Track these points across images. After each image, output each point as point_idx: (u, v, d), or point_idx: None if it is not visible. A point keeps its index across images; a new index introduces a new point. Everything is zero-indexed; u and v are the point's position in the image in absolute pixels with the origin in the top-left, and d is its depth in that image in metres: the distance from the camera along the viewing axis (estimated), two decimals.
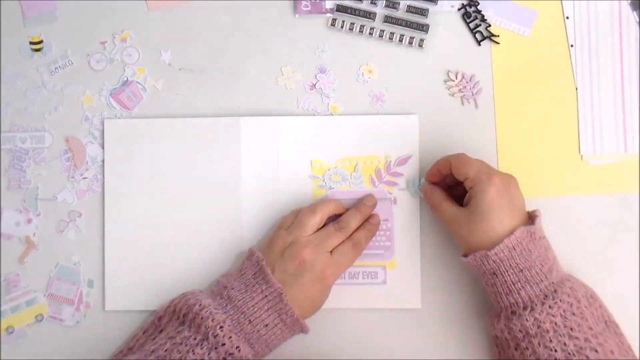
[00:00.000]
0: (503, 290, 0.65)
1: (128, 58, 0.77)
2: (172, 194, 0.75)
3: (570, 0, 0.76)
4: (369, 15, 0.76)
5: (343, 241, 0.70)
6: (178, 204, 0.75)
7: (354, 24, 0.76)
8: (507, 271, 0.64)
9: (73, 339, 0.74)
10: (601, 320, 0.65)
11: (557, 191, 0.74)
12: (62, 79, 0.77)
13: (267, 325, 0.66)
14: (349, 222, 0.71)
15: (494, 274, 0.65)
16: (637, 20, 0.76)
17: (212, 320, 0.64)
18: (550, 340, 0.62)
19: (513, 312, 0.64)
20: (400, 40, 0.76)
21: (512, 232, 0.64)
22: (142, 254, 0.74)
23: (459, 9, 0.76)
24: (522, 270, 0.64)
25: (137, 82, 0.77)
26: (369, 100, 0.76)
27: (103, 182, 0.76)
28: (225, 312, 0.66)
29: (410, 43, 0.76)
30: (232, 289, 0.68)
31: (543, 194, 0.74)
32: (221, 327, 0.64)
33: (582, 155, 0.75)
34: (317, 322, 0.73)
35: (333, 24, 0.76)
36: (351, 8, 0.76)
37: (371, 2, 0.76)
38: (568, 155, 0.75)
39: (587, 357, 0.61)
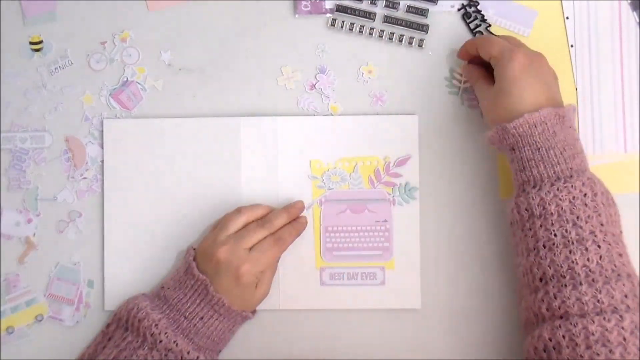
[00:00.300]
0: (519, 166, 0.64)
1: (128, 58, 0.77)
2: (171, 194, 0.75)
3: (570, 0, 0.76)
4: (369, 15, 0.76)
5: (265, 237, 0.69)
6: (178, 204, 0.75)
7: (354, 24, 0.76)
8: (524, 147, 0.63)
9: (73, 339, 0.74)
10: (617, 226, 0.63)
11: None
12: (62, 79, 0.77)
13: (202, 318, 0.67)
14: (273, 219, 0.70)
15: (512, 149, 0.64)
16: (637, 20, 0.76)
17: (148, 320, 0.66)
18: (552, 224, 0.61)
19: (523, 190, 0.63)
20: (400, 41, 0.76)
21: (537, 110, 0.63)
22: (142, 254, 0.74)
23: (459, 9, 0.76)
24: (539, 149, 0.63)
25: (137, 82, 0.77)
26: (369, 100, 0.76)
27: (103, 182, 0.76)
28: (161, 312, 0.67)
29: (410, 43, 0.75)
30: (168, 288, 0.69)
31: None
32: (156, 324, 0.66)
33: None
34: (316, 322, 0.73)
35: (333, 24, 0.76)
36: (351, 8, 0.76)
37: (371, 2, 0.76)
38: None
39: (586, 248, 0.59)
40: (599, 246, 0.60)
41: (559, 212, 0.61)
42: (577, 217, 0.60)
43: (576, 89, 0.75)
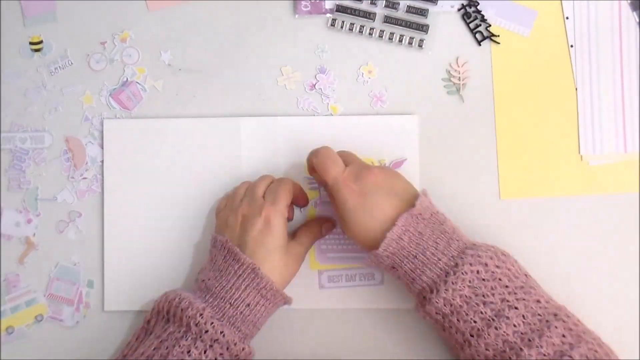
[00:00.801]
0: (407, 280, 0.64)
1: (128, 58, 0.77)
2: (172, 194, 0.75)
3: (570, 1, 0.76)
4: (369, 15, 0.76)
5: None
6: (178, 204, 0.75)
7: (353, 24, 0.76)
8: (402, 262, 0.63)
9: (73, 339, 0.74)
10: (520, 275, 0.63)
11: (557, 191, 0.74)
12: (62, 79, 0.77)
13: (249, 305, 0.65)
14: (273, 176, 0.71)
15: (393, 267, 0.64)
16: (637, 20, 0.76)
17: (192, 309, 0.63)
18: (467, 313, 0.61)
19: (424, 298, 0.63)
20: (400, 41, 0.76)
21: (392, 222, 0.63)
22: (142, 254, 0.74)
23: (459, 9, 0.76)
24: (416, 256, 0.63)
25: (137, 82, 0.77)
26: (369, 100, 0.76)
27: (103, 182, 0.76)
28: (205, 301, 0.65)
29: (410, 43, 0.76)
30: (209, 279, 0.67)
31: (543, 194, 0.74)
32: (201, 314, 0.63)
33: (582, 155, 0.75)
34: (316, 322, 0.73)
35: (333, 24, 0.76)
36: (351, 8, 0.76)
37: (371, 3, 0.76)
38: (568, 155, 0.75)
39: (507, 317, 0.60)
40: (516, 308, 0.60)
41: (466, 300, 0.61)
42: (484, 295, 0.61)
43: (576, 89, 0.75)
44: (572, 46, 0.76)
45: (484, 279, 0.61)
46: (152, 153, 0.75)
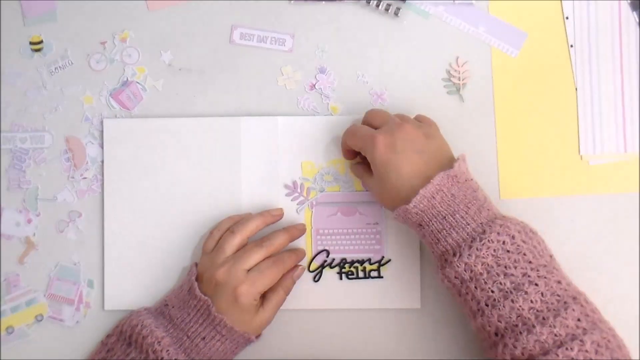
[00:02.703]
0: (432, 239, 0.64)
1: (128, 58, 0.77)
2: (171, 194, 0.75)
3: (570, 0, 0.76)
4: None
5: (264, 259, 0.69)
6: (178, 204, 0.75)
7: None
8: (430, 220, 0.63)
9: (73, 339, 0.74)
10: (544, 254, 0.63)
11: (557, 191, 0.74)
12: (62, 79, 0.77)
13: (204, 338, 0.67)
14: (273, 239, 0.70)
15: (420, 225, 0.64)
16: (637, 20, 0.76)
17: (151, 337, 0.66)
18: (485, 282, 0.61)
19: (446, 260, 0.63)
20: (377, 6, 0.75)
21: (428, 180, 0.63)
22: (142, 254, 0.74)
23: None
24: (445, 217, 0.63)
25: (137, 82, 0.77)
26: (369, 99, 0.76)
27: (103, 182, 0.76)
28: (165, 330, 0.67)
29: (387, 10, 0.75)
30: (172, 307, 0.69)
31: (543, 194, 0.74)
32: (159, 342, 0.65)
33: (582, 155, 0.75)
34: (316, 322, 0.73)
35: None
36: None
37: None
38: (568, 155, 0.75)
39: (525, 292, 0.60)
40: (536, 284, 0.60)
41: (487, 269, 0.61)
42: (506, 267, 0.61)
43: (576, 89, 0.75)
44: (572, 46, 0.76)
45: (508, 251, 0.61)
46: (152, 153, 0.75)
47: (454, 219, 0.63)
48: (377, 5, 0.76)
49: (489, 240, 0.61)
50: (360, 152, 0.69)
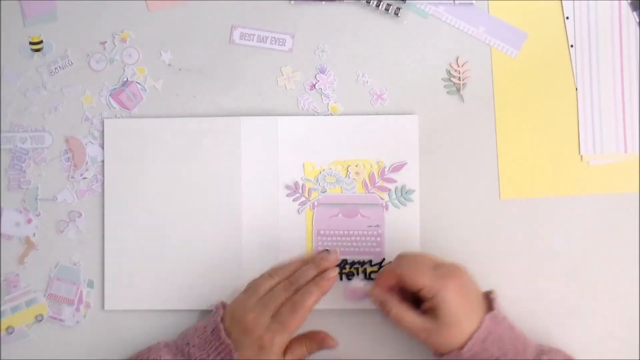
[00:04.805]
0: None
1: (128, 58, 0.77)
2: (172, 193, 0.75)
3: (570, 0, 0.76)
4: None
5: (285, 302, 0.67)
6: (178, 204, 0.75)
7: None
8: None
9: (73, 339, 0.74)
10: None
11: (557, 191, 0.74)
12: (62, 79, 0.77)
13: None
14: (300, 278, 0.69)
15: None
16: (637, 20, 0.76)
17: None
18: None
19: None
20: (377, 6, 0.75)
21: (479, 324, 0.64)
22: (142, 254, 0.74)
23: None
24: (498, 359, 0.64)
25: (137, 82, 0.77)
26: (369, 100, 0.76)
27: (103, 182, 0.76)
28: None
29: (387, 10, 0.75)
30: (193, 346, 0.67)
31: (543, 194, 0.74)
32: None
33: (582, 155, 0.75)
34: (316, 322, 0.73)
35: None
36: None
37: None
38: (568, 155, 0.75)
39: None
40: None
41: None
42: None
43: (576, 89, 0.75)
44: (572, 46, 0.76)
45: None
46: (152, 153, 0.75)
47: None
48: (377, 5, 0.76)
49: None
50: (421, 292, 0.65)
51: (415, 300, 0.67)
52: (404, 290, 0.68)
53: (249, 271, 0.73)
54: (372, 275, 0.73)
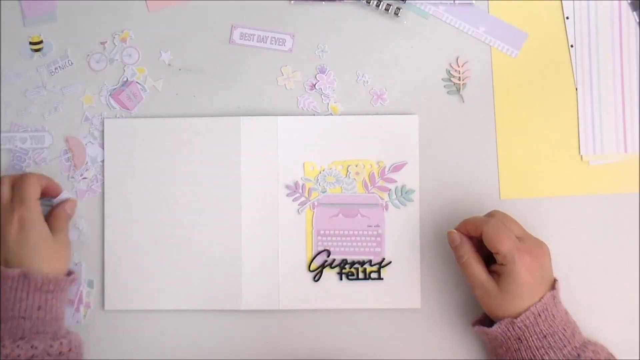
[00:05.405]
0: (527, 355, 0.65)
1: (128, 58, 0.77)
2: (171, 193, 0.75)
3: (570, 0, 0.76)
4: None
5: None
6: (178, 204, 0.75)
7: None
8: (531, 337, 0.65)
9: None
10: None
11: (557, 191, 0.74)
12: (62, 79, 0.77)
13: (40, 307, 0.67)
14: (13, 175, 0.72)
15: (519, 339, 0.66)
16: (637, 20, 0.76)
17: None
18: None
19: None
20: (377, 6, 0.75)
21: (539, 300, 0.65)
22: (142, 254, 0.74)
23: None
24: (545, 336, 0.65)
25: (137, 82, 0.77)
26: (369, 100, 0.76)
27: (103, 182, 0.76)
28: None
29: (387, 10, 0.75)
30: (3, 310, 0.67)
31: (543, 194, 0.74)
32: (4, 345, 0.65)
33: (582, 155, 0.75)
34: (316, 322, 0.73)
35: None
36: None
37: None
38: (568, 155, 0.75)
39: None
40: None
41: None
42: None
43: (576, 89, 0.75)
44: (572, 46, 0.76)
45: None
46: (152, 153, 0.75)
47: (554, 339, 0.65)
48: (377, 5, 0.76)
49: None
50: (497, 255, 0.66)
51: (489, 255, 0.68)
52: (482, 242, 0.68)
53: (249, 271, 0.73)
54: (372, 275, 0.73)
